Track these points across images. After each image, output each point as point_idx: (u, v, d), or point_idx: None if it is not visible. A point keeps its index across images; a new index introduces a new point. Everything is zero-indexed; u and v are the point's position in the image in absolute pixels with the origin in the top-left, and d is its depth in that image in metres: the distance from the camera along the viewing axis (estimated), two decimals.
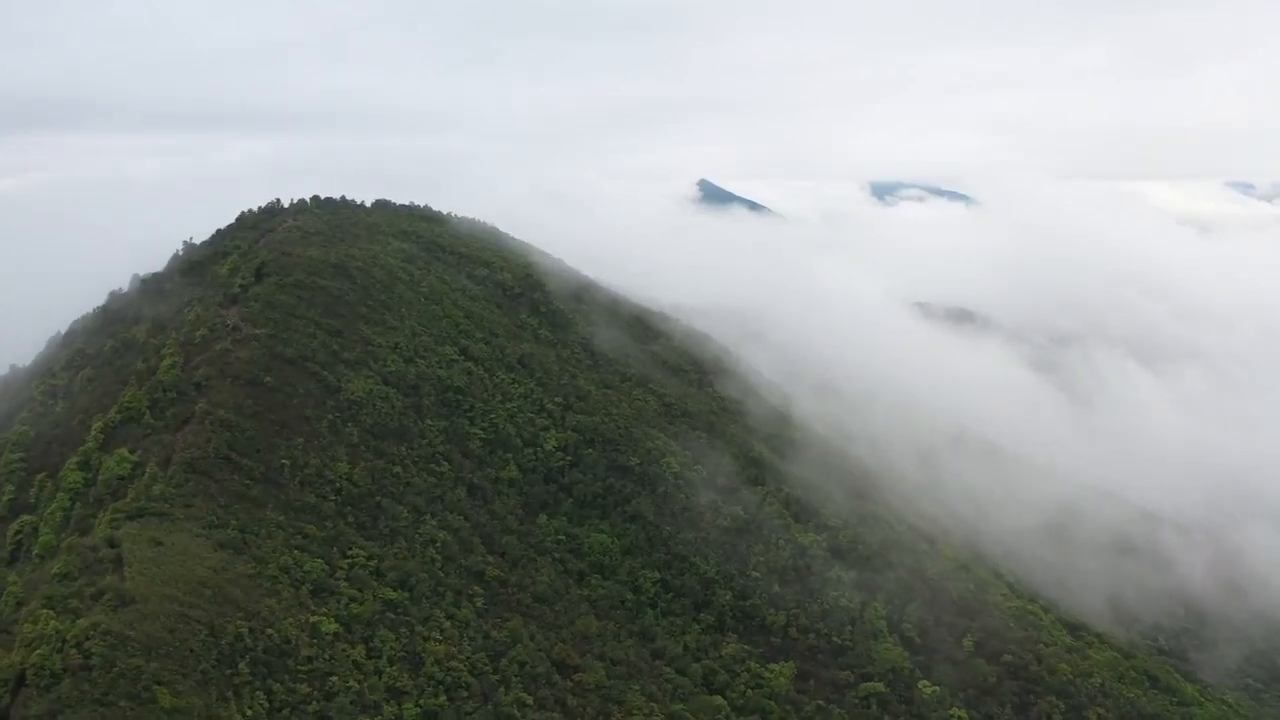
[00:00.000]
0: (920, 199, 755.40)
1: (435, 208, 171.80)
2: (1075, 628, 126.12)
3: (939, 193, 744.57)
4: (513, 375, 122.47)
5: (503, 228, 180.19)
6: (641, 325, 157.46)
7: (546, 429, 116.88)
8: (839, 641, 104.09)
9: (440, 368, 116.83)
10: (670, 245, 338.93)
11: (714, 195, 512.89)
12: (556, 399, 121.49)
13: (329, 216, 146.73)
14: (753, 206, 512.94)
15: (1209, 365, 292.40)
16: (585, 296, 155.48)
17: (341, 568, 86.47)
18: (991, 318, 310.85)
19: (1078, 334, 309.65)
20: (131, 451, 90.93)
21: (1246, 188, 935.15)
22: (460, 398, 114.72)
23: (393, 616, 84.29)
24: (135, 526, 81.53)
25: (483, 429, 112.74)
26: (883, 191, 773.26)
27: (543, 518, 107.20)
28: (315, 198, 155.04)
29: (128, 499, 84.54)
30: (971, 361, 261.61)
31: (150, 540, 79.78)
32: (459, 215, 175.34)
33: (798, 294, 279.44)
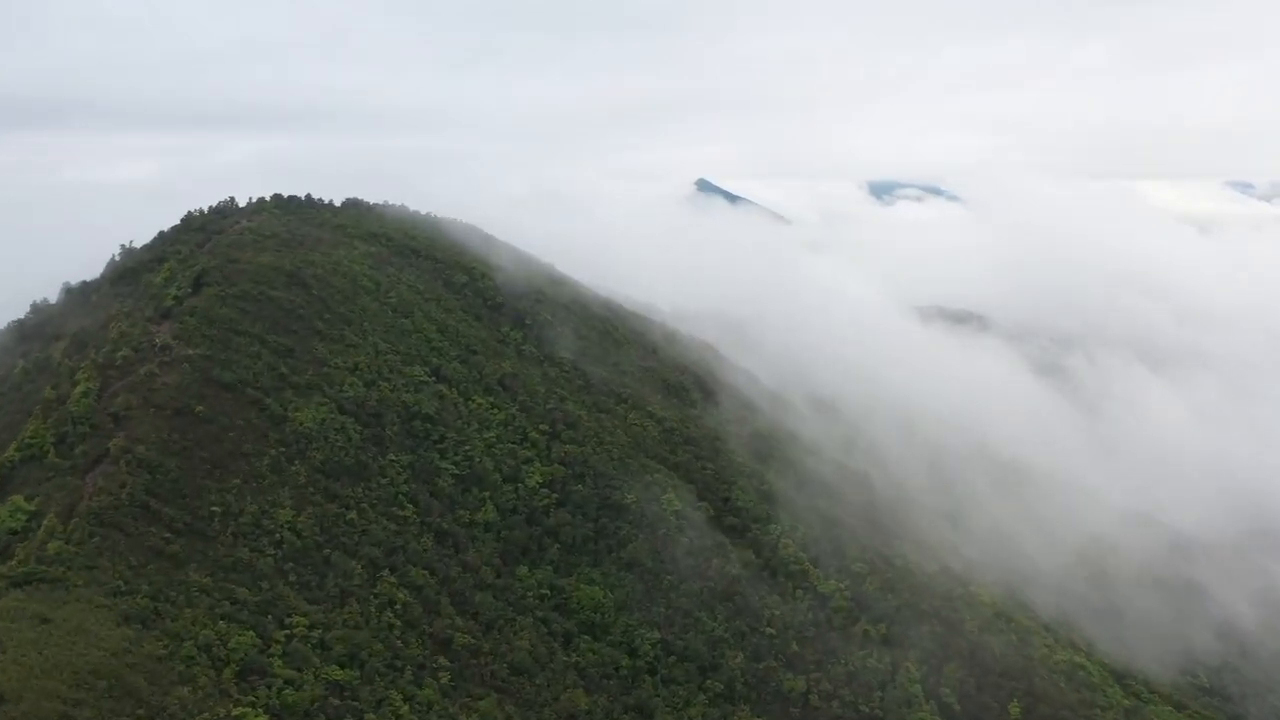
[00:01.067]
0: (918, 199, 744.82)
1: (431, 208, 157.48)
2: (1121, 675, 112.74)
3: (937, 192, 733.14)
4: (492, 399, 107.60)
5: (500, 228, 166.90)
6: (638, 337, 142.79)
7: (530, 462, 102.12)
8: (867, 710, 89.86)
9: (407, 392, 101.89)
10: (668, 246, 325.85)
11: (712, 194, 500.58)
12: (542, 426, 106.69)
13: (289, 217, 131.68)
14: (751, 206, 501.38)
15: (1216, 369, 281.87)
16: (577, 306, 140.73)
17: (277, 641, 71.59)
18: (994, 320, 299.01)
19: (1081, 336, 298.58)
20: (29, 499, 75.98)
21: (1245, 187, 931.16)
22: (430, 427, 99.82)
23: (337, 703, 69.50)
24: (20, 596, 66.78)
25: (455, 463, 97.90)
26: (881, 191, 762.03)
27: (523, 569, 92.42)
28: (277, 196, 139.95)
29: (14, 560, 69.67)
30: (978, 370, 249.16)
31: (35, 616, 64.93)
32: (439, 215, 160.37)
33: (796, 298, 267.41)
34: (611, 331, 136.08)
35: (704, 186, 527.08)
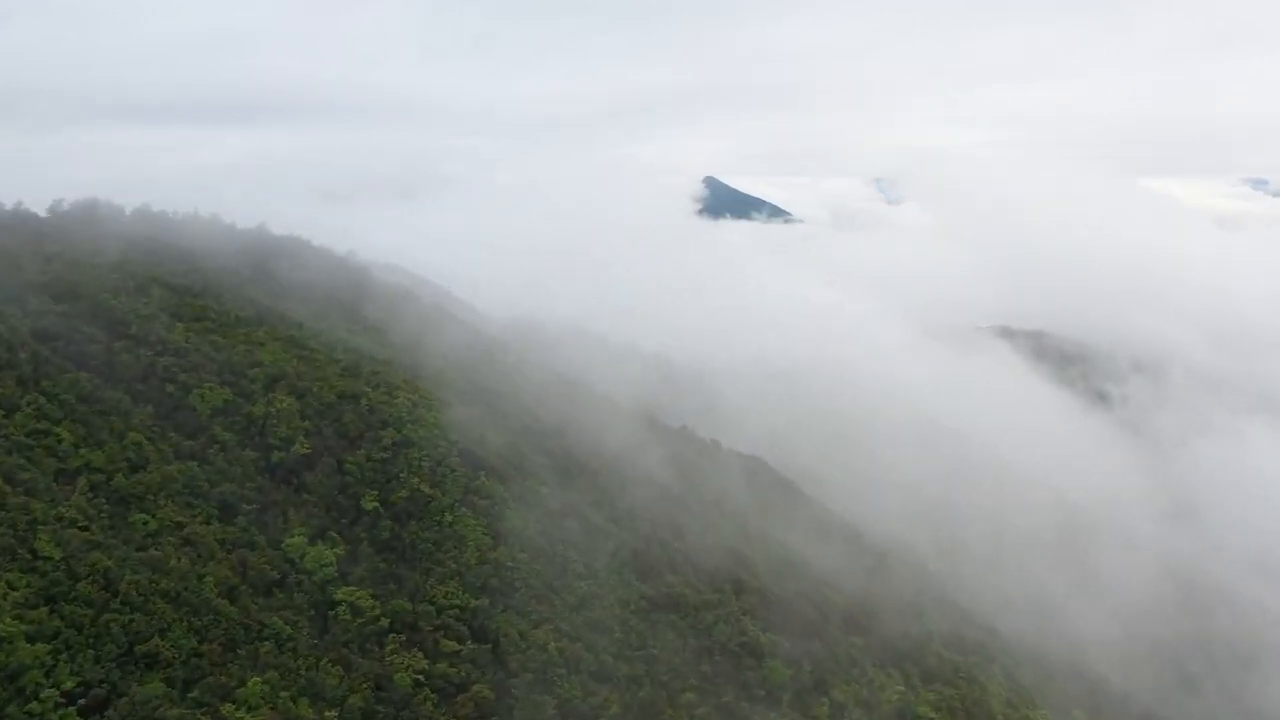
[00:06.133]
0: (926, 198, 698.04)
1: (420, 207, 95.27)
2: None
3: (951, 190, 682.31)
4: None
5: (482, 234, 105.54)
6: (643, 488, 72.05)
7: None
8: None
9: None
10: (674, 255, 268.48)
11: (721, 194, 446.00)
12: None
13: None
14: (759, 206, 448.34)
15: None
16: (537, 418, 70.27)
17: None
18: (1024, 334, 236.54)
19: (1113, 352, 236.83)
20: None
21: (1259, 183, 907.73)
22: None
23: None
24: None
25: None
26: (890, 189, 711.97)
27: None
28: None
29: None
30: (1043, 415, 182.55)
31: None
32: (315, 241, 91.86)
33: (808, 329, 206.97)
34: (599, 474, 65.64)
35: (712, 185, 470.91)
